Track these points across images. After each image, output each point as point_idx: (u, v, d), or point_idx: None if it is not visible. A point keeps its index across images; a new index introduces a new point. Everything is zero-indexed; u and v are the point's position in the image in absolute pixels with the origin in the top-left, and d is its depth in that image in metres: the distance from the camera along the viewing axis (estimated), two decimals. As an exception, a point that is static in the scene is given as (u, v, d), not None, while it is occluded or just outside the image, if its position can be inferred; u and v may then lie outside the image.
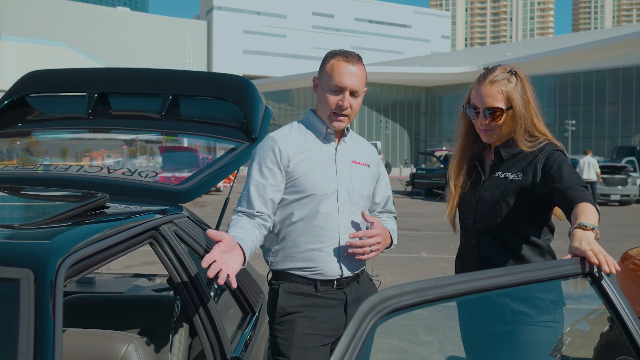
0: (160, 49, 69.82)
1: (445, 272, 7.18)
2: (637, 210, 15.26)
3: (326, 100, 1.92)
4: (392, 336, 4.34)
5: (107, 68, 3.07)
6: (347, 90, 1.90)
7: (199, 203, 15.06)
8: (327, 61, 1.94)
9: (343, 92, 1.90)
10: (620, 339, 2.62)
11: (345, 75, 1.89)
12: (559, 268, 1.29)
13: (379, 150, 8.94)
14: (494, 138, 1.90)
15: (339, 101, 1.91)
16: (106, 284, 2.98)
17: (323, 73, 1.94)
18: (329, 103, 1.92)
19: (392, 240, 2.03)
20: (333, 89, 1.91)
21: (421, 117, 49.69)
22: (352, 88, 1.91)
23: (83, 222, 1.61)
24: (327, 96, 1.92)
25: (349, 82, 1.90)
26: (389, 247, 2.04)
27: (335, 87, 1.90)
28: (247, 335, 2.29)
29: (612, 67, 37.09)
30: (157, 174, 2.57)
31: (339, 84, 1.89)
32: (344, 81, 1.89)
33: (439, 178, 18.51)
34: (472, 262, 1.90)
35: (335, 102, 1.91)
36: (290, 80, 51.51)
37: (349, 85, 1.90)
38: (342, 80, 1.89)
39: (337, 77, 1.89)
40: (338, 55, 1.93)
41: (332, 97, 1.91)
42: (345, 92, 1.90)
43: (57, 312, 1.14)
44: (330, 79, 1.91)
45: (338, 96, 1.91)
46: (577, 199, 1.63)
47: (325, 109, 1.94)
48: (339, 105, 1.91)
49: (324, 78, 1.94)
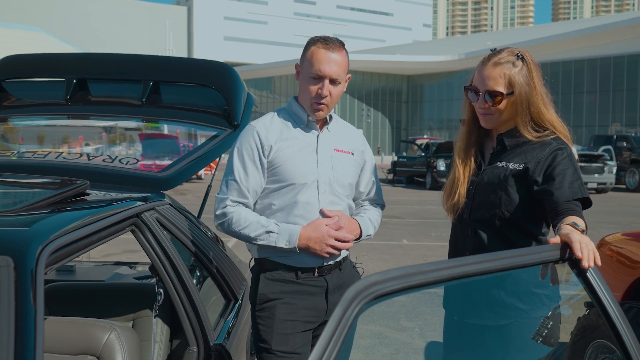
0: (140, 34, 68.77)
1: (426, 259, 7.25)
2: (613, 198, 15.55)
3: (306, 88, 1.89)
4: (374, 322, 4.37)
5: (86, 53, 3.01)
6: (327, 79, 1.86)
7: (181, 191, 14.94)
8: (308, 48, 1.90)
9: (322, 80, 1.86)
10: (596, 324, 2.68)
11: (324, 62, 1.85)
12: (542, 254, 1.30)
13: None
14: (493, 123, 1.81)
15: (319, 89, 1.87)
16: (87, 272, 2.94)
17: (304, 60, 1.91)
18: (309, 91, 1.88)
19: (362, 231, 1.96)
20: (313, 77, 1.87)
21: (402, 106, 49.80)
22: (331, 76, 1.86)
23: (63, 209, 1.58)
24: (306, 84, 1.89)
25: (328, 69, 1.85)
26: (359, 239, 1.97)
27: (315, 75, 1.86)
28: (230, 323, 2.29)
29: (590, 57, 37.49)
30: (137, 162, 2.54)
31: (318, 72, 1.85)
32: (323, 69, 1.85)
33: (420, 166, 18.60)
34: (467, 252, 1.84)
35: (315, 91, 1.87)
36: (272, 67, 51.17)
37: (328, 73, 1.86)
38: (321, 67, 1.85)
39: (317, 64, 1.85)
40: (318, 42, 1.89)
41: (311, 85, 1.88)
42: (324, 80, 1.86)
43: (38, 300, 1.12)
44: (310, 66, 1.87)
45: (317, 84, 1.87)
46: (568, 212, 1.58)
47: (306, 98, 1.91)
48: (318, 93, 1.87)
49: (304, 65, 1.90)
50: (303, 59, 1.92)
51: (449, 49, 49.38)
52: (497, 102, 1.75)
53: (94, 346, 1.65)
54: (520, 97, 1.74)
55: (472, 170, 1.85)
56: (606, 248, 3.17)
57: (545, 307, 1.74)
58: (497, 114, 1.78)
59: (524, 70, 1.75)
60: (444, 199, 1.91)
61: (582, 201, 1.67)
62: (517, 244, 1.75)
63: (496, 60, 1.76)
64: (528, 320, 1.74)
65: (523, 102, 1.75)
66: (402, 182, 19.77)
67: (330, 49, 1.87)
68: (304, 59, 1.91)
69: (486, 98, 1.76)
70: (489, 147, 1.89)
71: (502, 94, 1.75)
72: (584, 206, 1.67)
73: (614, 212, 12.25)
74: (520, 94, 1.74)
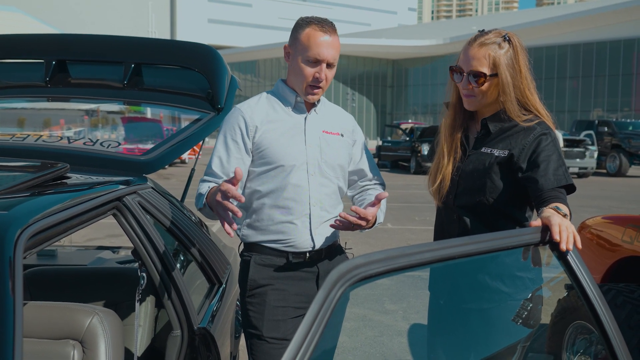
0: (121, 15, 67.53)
1: (410, 242, 7.30)
2: (595, 183, 15.78)
3: (301, 71, 1.84)
4: (358, 305, 4.41)
5: (65, 34, 2.94)
6: (324, 62, 1.83)
7: (164, 175, 14.83)
8: (301, 29, 1.84)
9: (320, 64, 1.83)
10: (576, 305, 2.73)
11: (322, 46, 1.81)
12: (524, 236, 1.32)
13: None
14: (476, 105, 1.79)
15: (316, 73, 1.83)
16: (69, 257, 2.92)
17: (297, 42, 1.85)
18: (304, 75, 1.84)
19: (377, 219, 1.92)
20: (309, 60, 1.82)
21: (387, 90, 49.74)
22: (328, 60, 1.83)
23: (42, 193, 1.56)
24: (302, 67, 1.84)
25: (326, 53, 1.82)
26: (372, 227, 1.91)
27: (312, 59, 1.82)
28: (214, 306, 2.29)
29: (573, 43, 37.74)
30: (119, 145, 2.51)
31: (317, 56, 1.81)
32: (322, 53, 1.81)
33: (404, 150, 18.67)
34: (452, 237, 1.79)
35: (312, 74, 1.83)
36: (256, 50, 50.71)
37: (326, 57, 1.82)
38: (320, 52, 1.81)
39: (315, 48, 1.81)
40: (313, 24, 1.83)
41: (308, 68, 1.83)
42: (322, 64, 1.83)
43: (16, 285, 1.10)
44: (306, 49, 1.82)
45: (315, 68, 1.83)
46: (552, 199, 1.59)
47: (299, 80, 1.86)
48: (316, 77, 1.83)
49: (299, 48, 1.84)
50: (296, 41, 1.86)
51: (434, 33, 49.32)
52: (481, 84, 1.73)
53: (76, 331, 1.64)
54: (504, 80, 1.72)
55: (458, 155, 1.84)
56: (586, 231, 3.22)
57: (528, 290, 1.76)
58: (480, 95, 1.76)
59: (510, 53, 1.73)
60: (429, 183, 1.89)
61: (566, 187, 1.68)
62: (501, 229, 1.74)
63: (482, 40, 1.74)
64: (511, 303, 1.76)
65: (507, 85, 1.73)
66: (387, 166, 19.83)
67: (327, 31, 1.83)
68: (297, 40, 1.85)
69: (470, 79, 1.74)
70: (473, 131, 1.87)
71: (485, 75, 1.72)
72: (568, 192, 1.68)
73: (595, 197, 12.44)
74: (505, 77, 1.72)
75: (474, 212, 1.78)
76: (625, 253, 2.87)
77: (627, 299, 2.61)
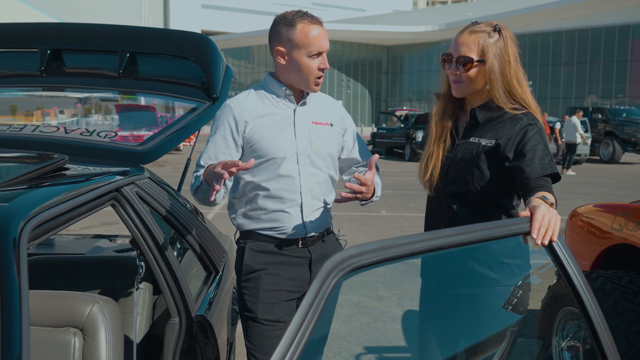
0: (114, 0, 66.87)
1: (404, 230, 7.36)
2: (587, 169, 15.87)
3: (308, 66, 1.89)
4: (352, 292, 4.47)
5: (60, 23, 2.95)
6: (325, 52, 1.92)
7: (159, 163, 14.80)
8: (292, 27, 1.86)
9: (321, 54, 1.91)
10: (565, 292, 2.78)
11: (321, 38, 1.89)
12: (513, 226, 1.36)
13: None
14: (463, 92, 1.83)
15: (321, 64, 1.91)
16: (66, 246, 2.94)
17: (293, 40, 1.87)
18: (311, 69, 1.89)
19: (375, 192, 1.97)
20: (313, 54, 1.89)
21: (382, 77, 49.56)
22: (327, 49, 1.93)
23: (43, 185, 1.58)
24: (308, 63, 1.89)
25: (325, 44, 1.91)
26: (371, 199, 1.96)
27: (317, 53, 1.89)
28: (211, 294, 2.33)
29: (568, 29, 37.67)
30: (116, 134, 2.53)
31: (320, 49, 1.89)
32: (323, 45, 1.90)
33: (399, 137, 18.70)
34: (442, 225, 1.87)
35: (317, 67, 1.91)
36: (251, 36, 50.34)
37: (326, 47, 1.92)
38: (321, 44, 1.89)
39: (316, 42, 1.88)
40: (303, 20, 1.88)
41: (312, 63, 1.89)
42: (323, 54, 1.92)
43: (22, 277, 1.13)
44: (308, 45, 1.87)
45: (319, 60, 1.91)
46: (539, 187, 1.62)
47: (305, 76, 1.91)
48: (321, 68, 1.91)
49: (298, 45, 1.87)
50: (291, 40, 1.88)
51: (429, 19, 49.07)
52: (468, 69, 1.77)
53: (76, 319, 1.67)
54: (490, 66, 1.76)
55: (447, 145, 1.89)
56: (577, 219, 3.27)
57: (516, 276, 1.81)
58: (467, 81, 1.80)
59: (500, 43, 1.78)
60: (420, 173, 1.94)
61: (551, 176, 1.72)
62: (489, 217, 1.80)
63: (473, 28, 1.80)
64: (500, 289, 1.81)
65: (494, 72, 1.77)
66: (382, 153, 19.86)
67: (317, 22, 1.90)
68: (293, 39, 1.87)
69: (458, 64, 1.79)
70: (463, 121, 1.91)
71: (473, 60, 1.76)
72: (553, 180, 1.73)
73: (588, 183, 12.53)
74: (492, 64, 1.76)
75: (462, 200, 1.83)
76: (615, 240, 2.93)
77: (615, 286, 2.67)
